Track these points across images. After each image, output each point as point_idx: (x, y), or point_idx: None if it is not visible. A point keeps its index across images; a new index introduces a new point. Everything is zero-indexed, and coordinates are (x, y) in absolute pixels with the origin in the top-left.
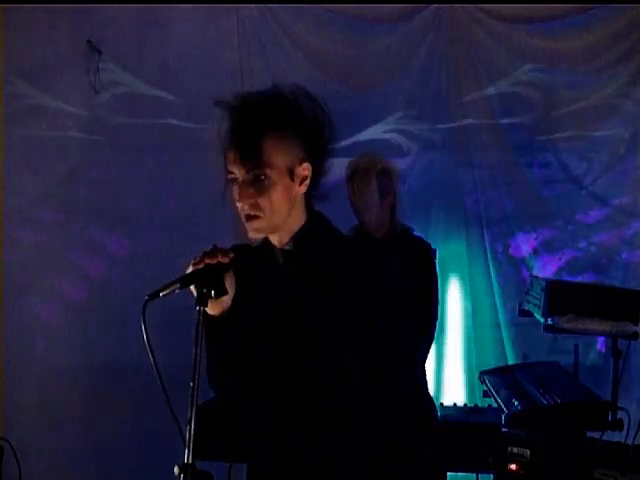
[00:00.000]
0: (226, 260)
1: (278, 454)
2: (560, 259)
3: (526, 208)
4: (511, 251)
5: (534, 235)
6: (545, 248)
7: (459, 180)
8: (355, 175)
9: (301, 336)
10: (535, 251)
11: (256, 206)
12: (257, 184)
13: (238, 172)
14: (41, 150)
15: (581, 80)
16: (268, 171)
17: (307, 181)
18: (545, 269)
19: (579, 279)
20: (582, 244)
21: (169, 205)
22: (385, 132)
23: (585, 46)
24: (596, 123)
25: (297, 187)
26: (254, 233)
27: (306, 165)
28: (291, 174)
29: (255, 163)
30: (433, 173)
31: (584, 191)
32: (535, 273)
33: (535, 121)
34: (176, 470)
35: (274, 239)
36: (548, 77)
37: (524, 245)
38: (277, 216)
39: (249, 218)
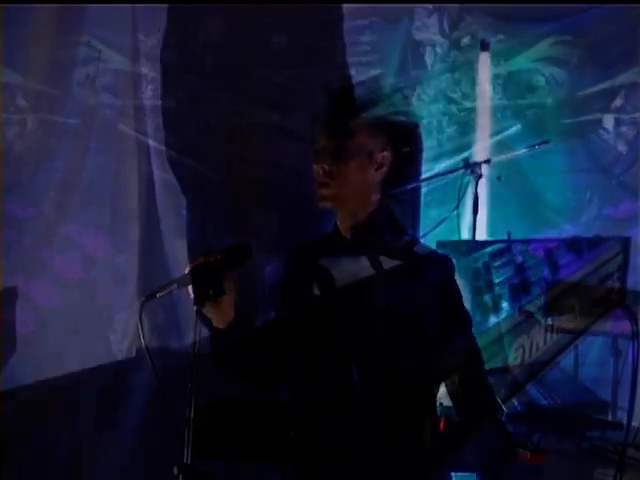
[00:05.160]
0: (212, 260)
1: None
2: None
3: (548, 201)
4: (530, 249)
5: (557, 231)
6: (569, 246)
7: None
8: None
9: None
10: (558, 249)
11: (329, 174)
12: (336, 153)
13: (322, 141)
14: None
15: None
16: (349, 143)
17: (383, 169)
18: (569, 269)
19: (608, 282)
20: None
21: (153, 197)
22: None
23: (585, 46)
24: (621, 104)
25: (373, 171)
26: (321, 201)
27: (386, 154)
28: (370, 157)
29: (340, 133)
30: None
31: (614, 182)
32: (558, 274)
33: (558, 102)
34: (175, 471)
35: (340, 215)
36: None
37: (545, 243)
38: (346, 189)
39: (321, 185)
